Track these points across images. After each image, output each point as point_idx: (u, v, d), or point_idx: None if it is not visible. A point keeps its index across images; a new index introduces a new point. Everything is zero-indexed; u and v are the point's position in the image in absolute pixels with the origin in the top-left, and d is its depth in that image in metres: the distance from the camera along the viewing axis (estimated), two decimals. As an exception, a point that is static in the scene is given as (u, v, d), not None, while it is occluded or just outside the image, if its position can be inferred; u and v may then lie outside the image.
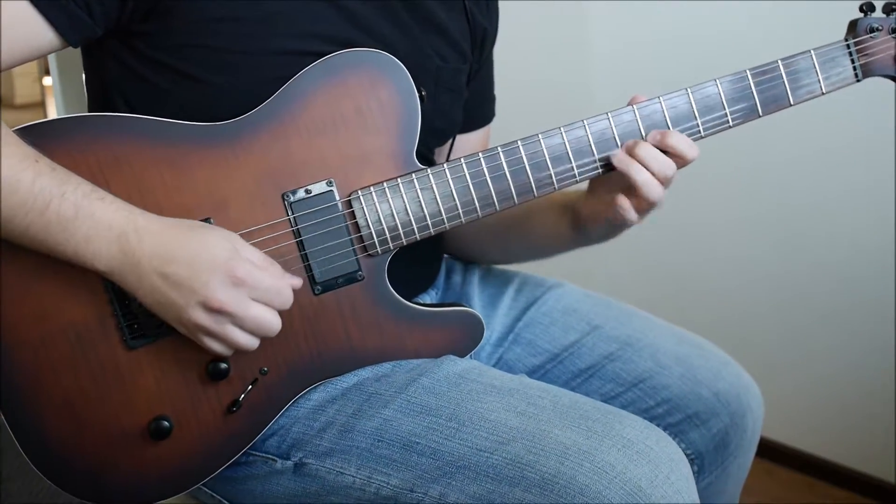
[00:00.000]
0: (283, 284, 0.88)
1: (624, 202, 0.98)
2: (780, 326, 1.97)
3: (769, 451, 1.98)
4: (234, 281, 0.84)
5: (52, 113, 2.56)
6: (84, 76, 1.01)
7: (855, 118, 1.71)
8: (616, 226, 1.03)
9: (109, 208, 0.84)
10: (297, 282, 0.90)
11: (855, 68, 1.03)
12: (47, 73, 2.61)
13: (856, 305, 1.84)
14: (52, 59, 2.51)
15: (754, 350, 1.61)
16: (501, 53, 1.22)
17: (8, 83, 3.26)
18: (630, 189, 0.98)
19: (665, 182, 0.97)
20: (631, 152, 0.97)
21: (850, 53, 1.02)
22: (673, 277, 2.11)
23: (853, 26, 1.04)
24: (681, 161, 0.97)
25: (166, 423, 0.91)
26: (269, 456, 0.97)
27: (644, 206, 0.98)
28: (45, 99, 2.67)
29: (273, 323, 0.87)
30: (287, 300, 0.88)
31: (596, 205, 1.03)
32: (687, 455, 1.12)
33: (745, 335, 1.92)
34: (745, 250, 1.97)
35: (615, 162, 0.97)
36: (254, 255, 0.87)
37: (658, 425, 1.12)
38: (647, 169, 0.96)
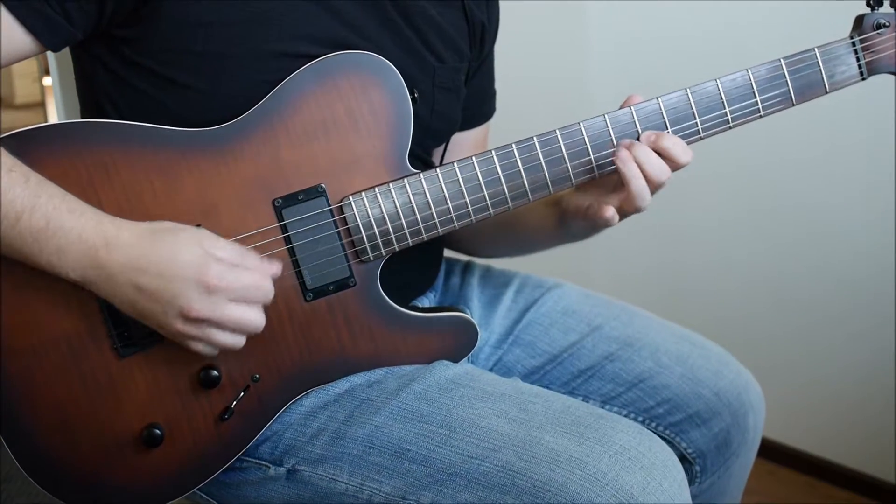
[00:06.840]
0: (261, 278, 0.86)
1: (610, 211, 0.97)
2: (780, 326, 1.96)
3: (770, 451, 1.97)
4: (207, 289, 0.82)
5: (52, 113, 2.55)
6: (75, 83, 1.00)
7: (856, 118, 1.70)
8: (596, 225, 1.01)
9: (80, 220, 0.83)
10: (276, 269, 0.88)
11: (860, 66, 0.99)
12: (47, 73, 2.60)
13: (856, 305, 1.83)
14: (51, 59, 2.49)
15: (754, 350, 1.60)
16: (498, 52, 1.21)
17: (8, 83, 3.25)
18: (616, 190, 0.97)
19: (657, 187, 0.96)
20: (629, 152, 0.94)
21: (856, 51, 0.99)
22: (673, 278, 2.10)
23: (859, 22, 1.00)
24: (673, 165, 0.96)
25: (158, 430, 0.91)
26: (263, 462, 0.96)
27: (629, 210, 0.97)
28: (45, 99, 2.67)
29: (255, 320, 0.86)
30: (267, 293, 0.87)
31: (582, 200, 1.01)
32: (689, 455, 1.12)
33: (745, 335, 1.91)
34: (745, 250, 1.96)
35: (618, 162, 0.94)
36: (225, 252, 0.85)
37: (659, 425, 1.12)
38: (643, 171, 0.94)
